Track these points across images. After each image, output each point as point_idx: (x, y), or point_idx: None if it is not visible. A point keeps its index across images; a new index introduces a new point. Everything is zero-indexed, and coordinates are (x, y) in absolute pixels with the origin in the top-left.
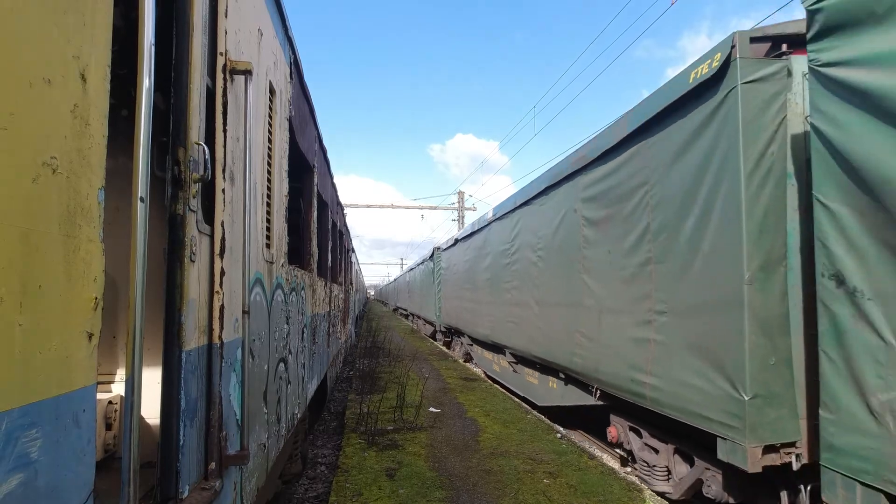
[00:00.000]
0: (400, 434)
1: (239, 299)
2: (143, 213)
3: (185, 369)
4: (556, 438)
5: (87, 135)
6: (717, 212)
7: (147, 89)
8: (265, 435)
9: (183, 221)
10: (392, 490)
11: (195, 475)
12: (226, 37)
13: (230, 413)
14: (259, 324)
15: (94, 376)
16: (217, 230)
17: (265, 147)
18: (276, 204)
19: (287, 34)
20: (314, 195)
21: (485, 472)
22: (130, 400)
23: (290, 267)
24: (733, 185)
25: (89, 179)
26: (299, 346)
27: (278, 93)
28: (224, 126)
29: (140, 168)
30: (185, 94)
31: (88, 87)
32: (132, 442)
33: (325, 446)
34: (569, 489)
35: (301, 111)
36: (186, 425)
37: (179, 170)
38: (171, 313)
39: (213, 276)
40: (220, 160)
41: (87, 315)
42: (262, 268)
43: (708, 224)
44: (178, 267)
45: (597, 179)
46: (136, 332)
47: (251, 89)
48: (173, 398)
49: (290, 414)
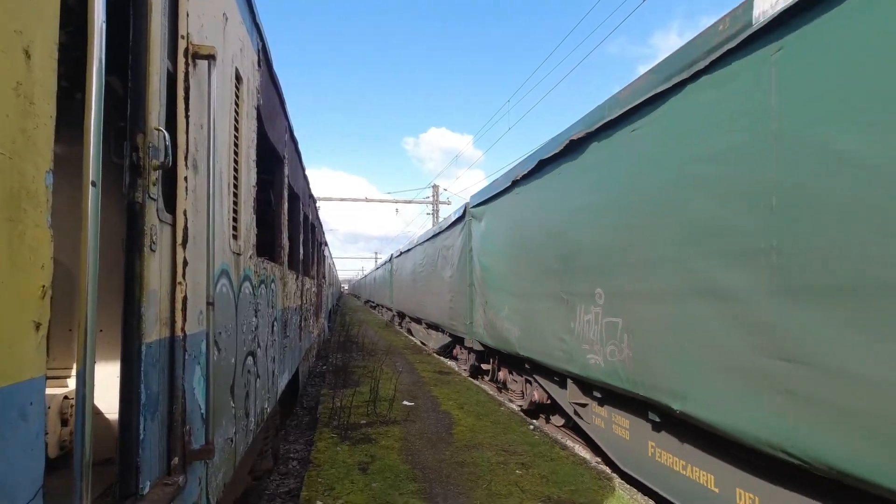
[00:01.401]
0: (373, 428)
1: (203, 291)
2: (94, 199)
3: (145, 362)
4: (528, 430)
5: (31, 114)
6: (458, 263)
7: (98, 67)
8: (233, 429)
9: (142, 210)
10: (365, 484)
11: (157, 471)
12: (188, 19)
13: (194, 407)
14: (225, 316)
15: (42, 368)
16: (179, 219)
17: (231, 136)
18: (243, 195)
19: (255, 21)
20: (285, 187)
21: (458, 464)
22: (82, 392)
23: (259, 259)
24: (464, 255)
25: (35, 162)
26: (269, 339)
27: (245, 80)
28: (186, 112)
29: (91, 151)
30: (144, 77)
31: (33, 64)
32: (85, 435)
33: (298, 441)
34: (541, 479)
35: (270, 101)
36: (147, 419)
37: (138, 156)
38: (131, 305)
39: (176, 267)
40: (182, 147)
41: (34, 304)
42: (228, 259)
43: (458, 268)
44: (137, 257)
45: (436, 242)
46: (87, 321)
47: (215, 75)
48: (133, 392)
49: (259, 408)
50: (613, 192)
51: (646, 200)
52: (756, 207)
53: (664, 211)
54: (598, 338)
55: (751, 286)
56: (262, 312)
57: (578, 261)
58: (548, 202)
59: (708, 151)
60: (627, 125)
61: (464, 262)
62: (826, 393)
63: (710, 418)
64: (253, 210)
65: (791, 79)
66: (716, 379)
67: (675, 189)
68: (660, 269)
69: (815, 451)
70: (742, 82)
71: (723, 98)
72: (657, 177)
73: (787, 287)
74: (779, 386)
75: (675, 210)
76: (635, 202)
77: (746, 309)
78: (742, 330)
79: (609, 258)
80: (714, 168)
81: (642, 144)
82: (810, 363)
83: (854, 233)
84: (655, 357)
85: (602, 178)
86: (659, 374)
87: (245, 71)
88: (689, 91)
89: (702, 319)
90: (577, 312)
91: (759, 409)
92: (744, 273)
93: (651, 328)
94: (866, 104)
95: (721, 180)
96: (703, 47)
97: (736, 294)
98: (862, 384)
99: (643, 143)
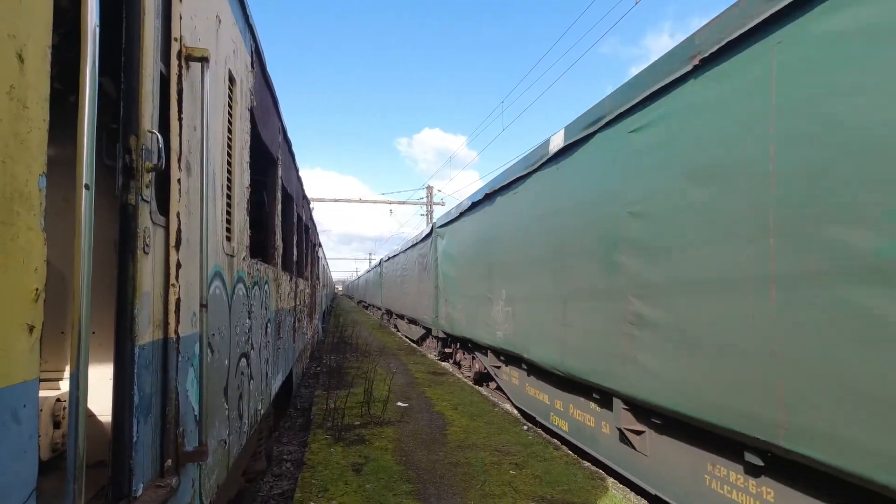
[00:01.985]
0: (367, 429)
1: (196, 293)
2: (88, 201)
3: (138, 364)
4: (522, 431)
5: (24, 118)
6: (429, 269)
7: (91, 70)
8: (226, 431)
9: (135, 212)
10: (359, 485)
11: (150, 473)
12: (181, 22)
13: (188, 409)
14: (219, 318)
15: (36, 370)
16: (172, 221)
17: (225, 137)
18: (237, 196)
19: (248, 22)
20: (278, 188)
21: (452, 464)
22: (75, 394)
23: (253, 261)
24: (433, 263)
25: (28, 165)
26: (263, 341)
27: (238, 82)
28: (179, 114)
29: (84, 154)
30: (137, 79)
31: (26, 67)
32: (78, 437)
33: (291, 443)
34: (534, 479)
35: (264, 102)
36: (140, 421)
37: (131, 158)
38: (124, 307)
39: (169, 269)
40: (175, 149)
41: (27, 307)
42: (222, 261)
43: (428, 274)
44: (129, 259)
45: (414, 251)
46: (81, 324)
47: (208, 77)
48: (126, 394)
49: (253, 410)
50: (505, 230)
51: (516, 239)
52: (550, 251)
53: (523, 246)
54: (502, 321)
55: (551, 293)
56: (255, 314)
57: (495, 272)
58: (479, 230)
59: (535, 214)
60: (511, 190)
61: (432, 270)
62: (574, 341)
63: (535, 359)
64: (246, 211)
65: (559, 183)
66: (538, 339)
67: (526, 234)
68: (523, 279)
69: (568, 368)
70: (541, 181)
71: (536, 186)
72: (520, 224)
73: (564, 293)
74: (561, 341)
75: (527, 246)
76: (514, 238)
77: (551, 304)
78: (549, 315)
79: (508, 271)
80: (536, 224)
81: (515, 202)
82: (570, 326)
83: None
84: (520, 329)
85: (500, 220)
86: (521, 338)
87: (238, 72)
88: (529, 178)
89: (536, 309)
90: (494, 305)
91: (554, 352)
92: (547, 285)
93: (520, 313)
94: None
95: (540, 232)
96: (530, 160)
97: (546, 296)
98: (587, 335)
99: (516, 201)
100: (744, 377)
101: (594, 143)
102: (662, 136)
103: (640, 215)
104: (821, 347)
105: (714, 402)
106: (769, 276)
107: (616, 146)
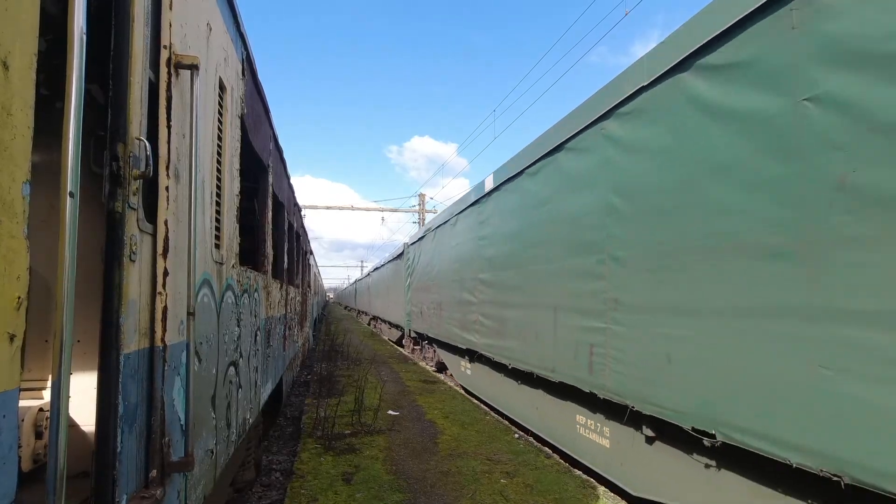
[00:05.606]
0: (358, 438)
1: (184, 301)
2: (72, 209)
3: (123, 373)
4: (513, 439)
5: (9, 125)
6: (403, 281)
7: (77, 77)
8: (213, 441)
9: (122, 219)
10: (349, 494)
11: (134, 483)
12: (170, 29)
13: (174, 418)
14: (207, 326)
15: (17, 380)
16: (160, 229)
17: (214, 145)
18: (226, 203)
19: (239, 30)
20: (269, 196)
21: (443, 473)
22: (57, 404)
23: (242, 268)
24: (404, 276)
25: (11, 172)
26: (252, 349)
27: (229, 89)
28: (168, 121)
29: (69, 161)
30: (125, 87)
31: (11, 75)
32: (59, 448)
33: (281, 452)
34: (525, 488)
35: (255, 109)
36: (125, 431)
37: (118, 165)
38: (109, 315)
39: (156, 277)
40: (163, 157)
41: (8, 315)
42: (210, 268)
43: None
44: (116, 266)
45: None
46: (63, 332)
47: (198, 84)
48: (110, 403)
49: (241, 419)
50: (450, 253)
51: (442, 261)
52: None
53: (460, 267)
54: (437, 320)
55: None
56: (244, 322)
57: (433, 285)
58: (437, 248)
59: (450, 244)
60: (449, 222)
61: (405, 281)
62: (486, 328)
63: (445, 340)
64: (236, 219)
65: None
66: (453, 328)
67: (445, 258)
68: (444, 290)
69: (454, 339)
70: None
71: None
72: (460, 250)
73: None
74: (471, 328)
75: (462, 265)
76: (440, 261)
77: (468, 307)
78: (456, 312)
79: (440, 284)
80: (466, 248)
81: (454, 232)
82: (489, 316)
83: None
84: (442, 324)
85: (447, 245)
86: (443, 329)
87: (229, 80)
88: (462, 214)
89: (456, 308)
90: (443, 310)
91: (469, 336)
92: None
93: (444, 313)
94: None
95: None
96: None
97: (452, 300)
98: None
99: (455, 231)
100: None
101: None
102: (492, 207)
103: (487, 246)
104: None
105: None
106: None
107: (484, 203)
